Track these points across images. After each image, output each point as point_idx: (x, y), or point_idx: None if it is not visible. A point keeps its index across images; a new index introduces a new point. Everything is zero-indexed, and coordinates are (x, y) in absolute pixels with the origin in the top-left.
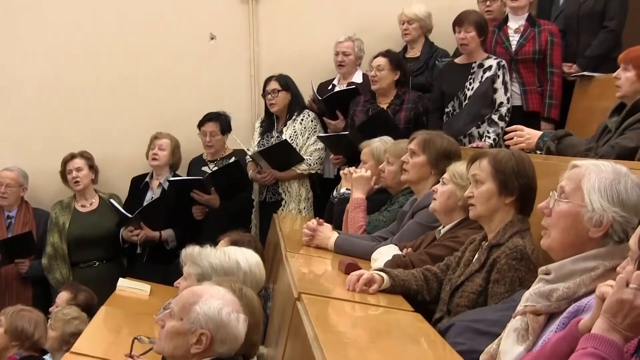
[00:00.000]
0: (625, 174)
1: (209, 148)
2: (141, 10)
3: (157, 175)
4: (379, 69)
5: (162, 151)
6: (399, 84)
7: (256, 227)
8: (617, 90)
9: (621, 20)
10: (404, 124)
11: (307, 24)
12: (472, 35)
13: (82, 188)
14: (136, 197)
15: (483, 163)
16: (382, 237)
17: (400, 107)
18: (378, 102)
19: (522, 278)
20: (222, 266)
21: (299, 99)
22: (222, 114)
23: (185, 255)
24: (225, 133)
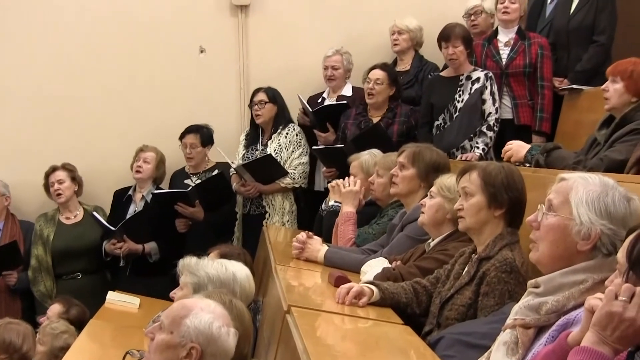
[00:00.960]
0: (613, 187)
1: (189, 160)
2: (130, 23)
3: (140, 189)
4: (377, 83)
5: (146, 164)
6: (392, 98)
7: (238, 240)
8: (606, 103)
9: (611, 34)
10: (396, 138)
11: (296, 37)
12: (461, 50)
13: (64, 200)
14: (119, 210)
15: (473, 176)
16: (372, 250)
17: (393, 121)
18: (370, 115)
19: (512, 291)
20: (218, 277)
21: (285, 113)
22: (203, 127)
23: (183, 265)
24: (207, 145)
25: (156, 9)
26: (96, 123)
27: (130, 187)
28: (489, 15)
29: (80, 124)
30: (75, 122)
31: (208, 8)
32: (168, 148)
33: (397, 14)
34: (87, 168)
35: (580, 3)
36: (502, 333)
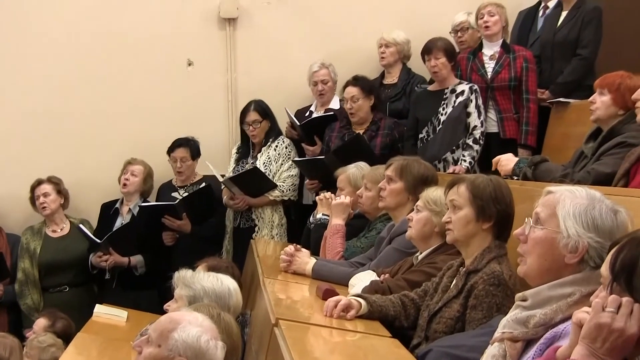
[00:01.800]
0: (600, 200)
1: (179, 174)
2: (117, 36)
3: (127, 201)
4: (353, 100)
5: (133, 177)
6: (374, 108)
7: (228, 253)
8: (592, 114)
9: (594, 49)
10: (379, 150)
11: (284, 50)
12: (443, 62)
13: (49, 213)
14: (106, 223)
15: (461, 188)
16: (360, 263)
17: (376, 133)
18: (354, 127)
19: (500, 304)
20: (214, 290)
21: (275, 125)
22: (191, 140)
23: (178, 277)
24: (195, 158)
25: (144, 21)
26: (83, 136)
27: (117, 200)
28: (475, 30)
29: (67, 137)
30: (62, 134)
31: (196, 21)
32: (156, 161)
33: (385, 28)
34: (74, 181)
35: (567, 17)
36: (491, 346)
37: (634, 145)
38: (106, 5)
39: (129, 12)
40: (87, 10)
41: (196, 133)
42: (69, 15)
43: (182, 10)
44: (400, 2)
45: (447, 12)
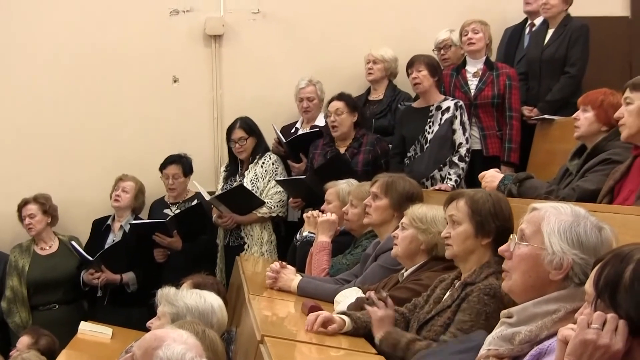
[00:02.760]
0: (585, 216)
1: (171, 191)
2: (104, 53)
3: (118, 218)
4: (337, 113)
5: (125, 193)
6: (357, 125)
7: (221, 271)
8: (575, 131)
9: (582, 67)
10: (361, 167)
11: (270, 67)
12: (424, 74)
13: (35, 234)
14: (97, 239)
15: (460, 203)
16: (346, 279)
17: (359, 150)
18: (337, 145)
19: (489, 313)
20: (197, 307)
21: (262, 142)
22: (183, 156)
23: (161, 295)
24: (188, 175)
25: (130, 38)
26: (71, 152)
27: (109, 217)
28: (458, 47)
29: (55, 154)
30: (50, 151)
31: (181, 38)
32: (143, 177)
33: (371, 45)
34: (63, 198)
35: (554, 35)
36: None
37: (618, 162)
38: (93, 23)
39: (115, 29)
40: (74, 27)
41: (182, 150)
42: (57, 32)
43: (168, 27)
44: (387, 20)
45: (434, 30)
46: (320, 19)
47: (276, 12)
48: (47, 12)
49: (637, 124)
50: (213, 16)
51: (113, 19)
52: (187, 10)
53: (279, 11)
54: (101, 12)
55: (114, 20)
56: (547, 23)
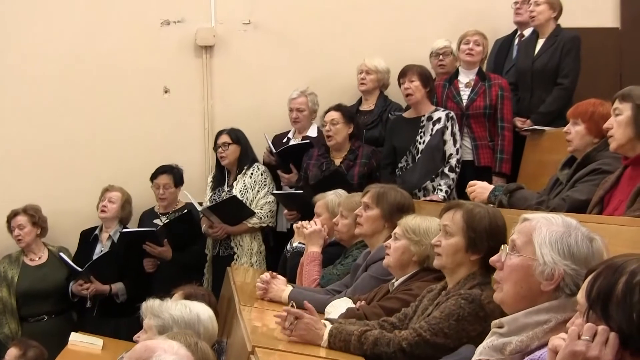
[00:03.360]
0: (576, 227)
1: (162, 201)
2: (94, 62)
3: (106, 228)
4: (333, 123)
5: (111, 204)
6: (352, 137)
7: (208, 282)
8: (569, 145)
9: (574, 78)
10: (357, 179)
11: (261, 78)
12: (417, 85)
13: (24, 245)
14: (85, 250)
15: (456, 215)
16: (336, 290)
17: (354, 162)
18: (332, 156)
19: (462, 316)
20: (183, 318)
21: (249, 152)
22: (174, 167)
23: (146, 307)
24: (178, 186)
25: (121, 49)
26: (61, 163)
27: (96, 227)
28: (455, 57)
29: (45, 164)
30: (40, 162)
31: (173, 49)
32: (134, 188)
33: (363, 55)
34: (52, 208)
35: (544, 45)
36: None
37: (608, 172)
38: (83, 34)
39: (105, 39)
40: (65, 38)
41: (173, 160)
42: (47, 43)
43: (159, 37)
44: (378, 30)
45: (425, 41)
46: (311, 29)
47: (267, 22)
48: (37, 23)
49: (626, 134)
50: (204, 27)
51: (104, 29)
52: (178, 21)
53: (270, 22)
54: (92, 23)
55: (104, 31)
56: (537, 33)
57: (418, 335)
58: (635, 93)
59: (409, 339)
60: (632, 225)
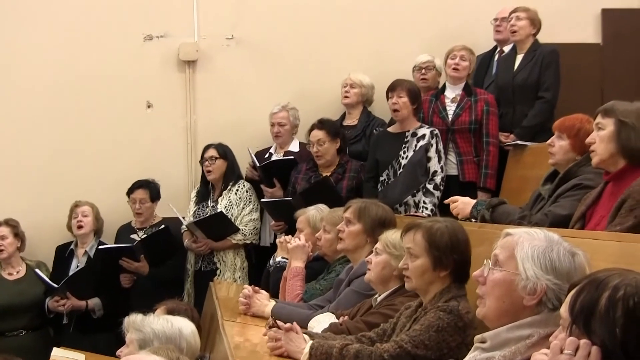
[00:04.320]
0: (558, 242)
1: (138, 216)
2: (78, 77)
3: (82, 244)
4: (319, 144)
5: (86, 218)
6: (341, 151)
7: (189, 296)
8: (550, 157)
9: (556, 91)
10: (346, 193)
11: (244, 92)
12: (405, 101)
13: (6, 256)
14: (61, 265)
15: (417, 237)
16: (319, 305)
17: (343, 176)
18: (320, 170)
19: (442, 327)
20: (164, 332)
21: (235, 169)
22: (151, 181)
23: (128, 322)
24: (155, 200)
25: (104, 63)
26: (40, 178)
27: (71, 242)
28: (438, 72)
29: (23, 178)
30: (18, 176)
31: (155, 63)
32: (115, 202)
33: (346, 70)
34: (29, 223)
35: (524, 60)
36: None
37: (590, 187)
38: (66, 48)
39: (88, 54)
40: (46, 52)
41: (155, 175)
42: (29, 58)
43: (142, 52)
44: (361, 45)
45: (407, 56)
46: (293, 44)
47: (250, 37)
48: (18, 38)
49: (608, 150)
50: (187, 42)
51: (87, 44)
52: (161, 35)
53: (252, 37)
54: (75, 38)
55: (87, 46)
56: (516, 49)
57: (399, 347)
58: (617, 108)
59: (390, 351)
60: (614, 240)
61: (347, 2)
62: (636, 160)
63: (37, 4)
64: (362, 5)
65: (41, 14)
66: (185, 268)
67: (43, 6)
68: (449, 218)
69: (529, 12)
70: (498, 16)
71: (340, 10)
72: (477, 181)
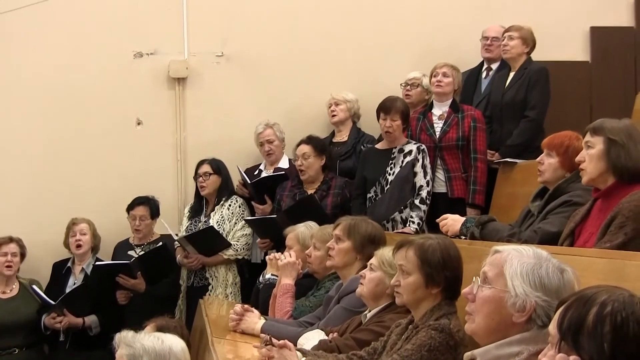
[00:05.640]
0: (547, 259)
1: (137, 232)
2: (67, 94)
3: (78, 261)
4: (304, 157)
5: (84, 236)
6: (326, 168)
7: (181, 312)
8: (540, 175)
9: (542, 110)
10: (330, 209)
11: (233, 109)
12: (398, 124)
13: (11, 274)
14: (58, 282)
15: (409, 254)
16: (309, 322)
17: (327, 193)
18: (305, 187)
19: (434, 346)
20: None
21: (229, 184)
22: (151, 198)
23: (119, 338)
24: (154, 218)
25: (94, 80)
26: (32, 195)
27: (69, 259)
28: (424, 90)
29: (16, 195)
30: (11, 193)
31: (145, 80)
32: (107, 219)
33: (332, 86)
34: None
35: (514, 78)
36: None
37: (579, 204)
38: (56, 65)
39: (78, 71)
40: (36, 69)
41: (146, 192)
42: (19, 75)
43: (132, 69)
44: (349, 62)
45: (395, 73)
46: (283, 62)
47: (240, 55)
48: (10, 56)
49: (598, 168)
50: (177, 59)
51: (77, 61)
52: (151, 52)
53: (242, 54)
54: (64, 54)
55: (77, 63)
56: (509, 66)
57: None
58: (606, 126)
59: None
60: (603, 257)
61: (336, 20)
62: (625, 177)
63: (27, 22)
64: (351, 23)
65: (31, 32)
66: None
67: (33, 24)
68: (440, 235)
69: (521, 31)
70: (488, 34)
71: (329, 28)
72: (465, 197)
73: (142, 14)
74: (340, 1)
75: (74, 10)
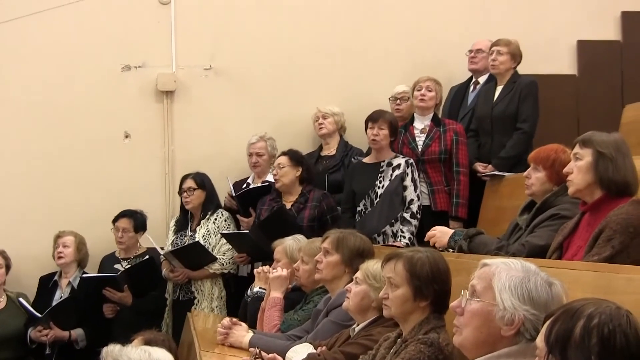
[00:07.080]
0: (535, 272)
1: (120, 244)
2: (56, 107)
3: (65, 274)
4: (280, 167)
5: (66, 248)
6: (304, 181)
7: (167, 326)
8: (527, 189)
9: (534, 123)
10: (307, 222)
11: (221, 123)
12: (385, 134)
13: None
14: (45, 296)
15: (398, 266)
16: (297, 335)
17: (305, 205)
18: (283, 200)
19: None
20: None
21: (214, 198)
22: (138, 212)
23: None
24: (139, 231)
25: (81, 93)
26: (19, 209)
27: (55, 273)
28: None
29: (3, 210)
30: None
31: (133, 94)
32: (94, 233)
33: (320, 100)
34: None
35: (503, 91)
36: None
37: (567, 217)
38: (44, 78)
39: (66, 84)
40: (24, 81)
41: (133, 205)
42: (7, 88)
43: (120, 82)
44: (339, 77)
45: (384, 87)
46: (271, 75)
47: (228, 68)
48: None
49: (585, 180)
50: (165, 72)
51: (65, 74)
52: (139, 66)
53: (230, 67)
54: (52, 67)
55: (65, 76)
56: (495, 80)
57: None
58: (595, 139)
59: None
60: (591, 270)
61: (323, 34)
62: (613, 190)
63: (14, 35)
64: (339, 37)
65: (18, 45)
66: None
67: (20, 38)
68: (429, 248)
69: (510, 46)
70: (473, 48)
71: (317, 42)
72: (449, 210)
73: (130, 27)
74: (327, 16)
75: (61, 23)
